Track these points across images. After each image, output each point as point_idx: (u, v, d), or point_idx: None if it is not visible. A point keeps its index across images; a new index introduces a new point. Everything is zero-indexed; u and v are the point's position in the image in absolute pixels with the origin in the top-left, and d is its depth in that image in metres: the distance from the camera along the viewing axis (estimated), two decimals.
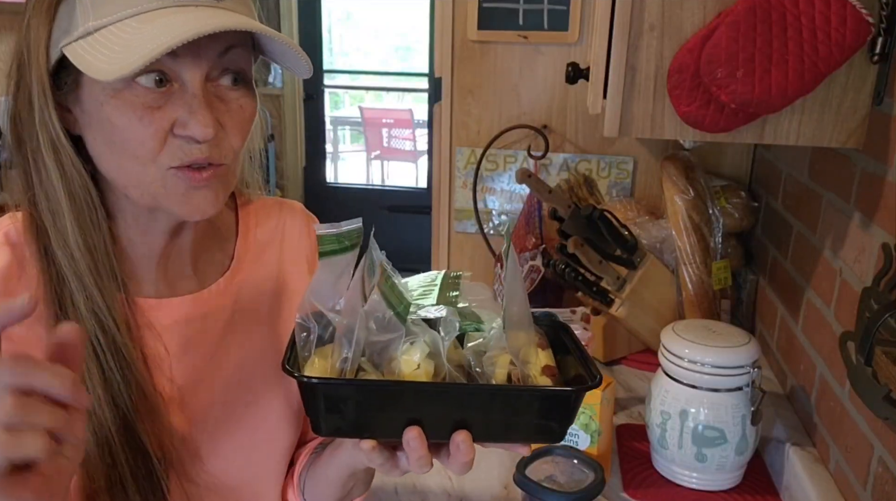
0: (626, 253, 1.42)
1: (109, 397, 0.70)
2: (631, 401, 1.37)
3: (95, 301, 0.71)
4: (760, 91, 0.87)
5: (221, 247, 0.86)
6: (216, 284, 0.83)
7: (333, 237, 0.66)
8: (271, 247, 0.89)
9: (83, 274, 0.70)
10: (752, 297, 1.59)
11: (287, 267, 0.90)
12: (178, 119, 0.66)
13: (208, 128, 0.66)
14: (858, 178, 1.02)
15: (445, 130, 1.80)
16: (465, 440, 0.65)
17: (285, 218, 0.92)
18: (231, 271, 0.84)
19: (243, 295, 0.85)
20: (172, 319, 0.79)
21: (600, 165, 1.76)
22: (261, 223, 0.89)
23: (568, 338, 0.75)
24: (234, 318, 0.84)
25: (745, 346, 1.06)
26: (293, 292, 0.89)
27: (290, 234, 0.91)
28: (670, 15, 0.93)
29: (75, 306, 0.70)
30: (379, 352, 0.67)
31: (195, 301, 0.81)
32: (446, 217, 1.87)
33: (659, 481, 1.13)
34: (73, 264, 0.70)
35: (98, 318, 0.71)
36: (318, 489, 0.87)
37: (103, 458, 0.70)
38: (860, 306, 0.87)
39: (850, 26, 0.85)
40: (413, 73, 6.25)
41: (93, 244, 0.71)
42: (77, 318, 0.70)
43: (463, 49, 1.74)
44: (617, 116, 0.97)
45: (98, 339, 0.70)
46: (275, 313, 0.88)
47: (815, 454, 1.10)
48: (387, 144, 6.21)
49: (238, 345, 0.83)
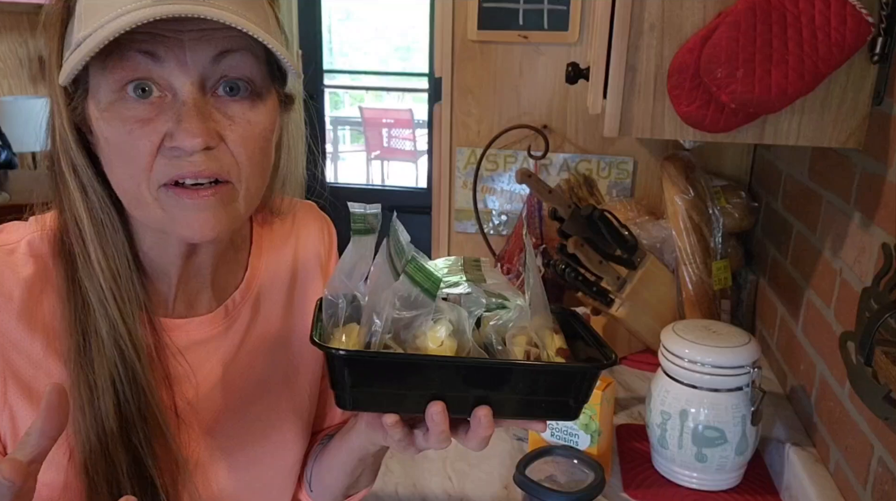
0: (626, 253, 1.42)
1: (125, 432, 0.68)
2: (631, 401, 1.37)
3: (118, 330, 0.68)
4: (760, 91, 0.87)
5: (236, 258, 0.83)
6: (231, 299, 0.81)
7: (362, 217, 0.67)
8: (285, 253, 0.87)
9: (108, 302, 0.68)
10: (752, 297, 1.59)
11: (300, 271, 0.88)
12: (167, 131, 0.62)
13: (196, 137, 0.61)
14: (858, 178, 1.02)
15: (445, 130, 1.80)
16: (487, 414, 0.65)
17: (298, 221, 0.90)
18: (246, 282, 0.82)
19: (259, 304, 0.83)
20: (191, 339, 0.77)
21: (600, 166, 1.76)
22: (274, 227, 0.87)
23: (579, 324, 0.77)
24: (251, 329, 0.82)
25: (745, 346, 1.06)
26: (307, 296, 0.88)
27: (304, 238, 0.89)
28: (670, 15, 0.93)
29: (98, 335, 0.68)
30: (404, 329, 0.67)
31: (214, 319, 0.79)
32: (446, 217, 1.87)
33: (659, 481, 1.13)
34: (99, 292, 0.68)
35: (119, 347, 0.68)
36: (326, 478, 0.86)
37: (111, 493, 0.68)
38: (860, 307, 0.86)
39: (850, 26, 0.85)
40: (413, 73, 6.26)
41: (116, 270, 0.69)
42: (99, 347, 0.68)
43: (463, 49, 1.74)
44: (617, 116, 0.97)
45: (118, 370, 0.68)
46: (288, 318, 0.86)
47: (815, 454, 1.10)
48: (387, 144, 6.21)
49: (254, 356, 0.82)
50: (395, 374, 0.66)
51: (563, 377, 0.69)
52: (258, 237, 0.85)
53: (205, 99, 0.63)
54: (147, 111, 0.62)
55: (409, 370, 0.66)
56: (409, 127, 6.10)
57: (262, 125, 0.67)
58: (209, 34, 0.62)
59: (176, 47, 0.61)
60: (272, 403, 0.84)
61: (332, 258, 0.92)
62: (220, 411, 0.79)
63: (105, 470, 0.68)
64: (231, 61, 0.64)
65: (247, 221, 0.85)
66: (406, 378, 0.66)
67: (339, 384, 0.66)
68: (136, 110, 0.62)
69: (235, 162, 0.65)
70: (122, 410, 0.69)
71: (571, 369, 0.69)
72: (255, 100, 0.67)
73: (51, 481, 0.69)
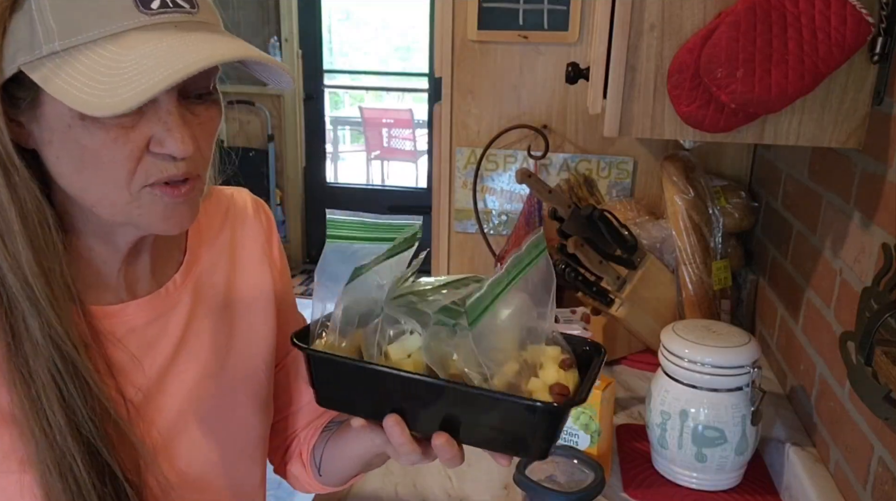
0: (626, 253, 1.42)
1: (73, 425, 0.68)
2: (631, 401, 1.37)
3: (52, 326, 0.67)
4: (760, 91, 0.87)
5: (175, 241, 0.84)
6: (172, 280, 0.81)
7: (356, 224, 0.69)
8: (223, 235, 0.89)
9: (38, 299, 0.67)
10: (752, 297, 1.59)
11: (240, 253, 0.89)
12: (154, 137, 0.64)
13: (188, 146, 0.64)
14: (858, 178, 1.02)
15: (445, 130, 1.80)
16: (443, 444, 0.66)
17: (234, 205, 0.91)
18: (186, 263, 0.83)
19: (201, 286, 0.84)
20: (133, 323, 0.77)
21: (600, 165, 1.76)
22: (209, 213, 0.88)
23: (596, 360, 0.71)
24: (195, 311, 0.83)
25: (745, 346, 1.06)
26: (248, 275, 0.89)
27: (241, 220, 0.91)
28: (670, 15, 0.93)
29: (29, 333, 0.67)
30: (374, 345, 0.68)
31: (153, 301, 0.79)
32: (446, 217, 1.87)
33: (659, 481, 1.13)
34: (27, 289, 0.67)
35: (55, 343, 0.67)
36: (339, 463, 0.89)
37: (67, 488, 0.67)
38: (860, 306, 0.86)
39: (850, 26, 0.85)
40: (413, 73, 6.26)
41: (48, 267, 0.67)
42: (32, 344, 0.67)
43: (463, 49, 1.74)
44: (617, 116, 0.97)
45: (56, 365, 0.67)
46: (233, 299, 0.87)
47: (815, 454, 1.10)
48: (387, 144, 6.22)
49: (201, 337, 0.83)
50: (350, 378, 0.69)
51: (517, 411, 0.63)
52: (195, 222, 0.84)
53: (183, 106, 0.66)
54: (130, 119, 0.63)
55: (368, 378, 0.68)
56: (409, 127, 6.10)
57: (218, 118, 0.71)
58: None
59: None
60: (226, 385, 0.85)
61: (274, 240, 0.94)
62: (173, 395, 0.80)
63: (59, 466, 0.67)
64: (207, 72, 0.65)
65: None
66: (367, 387, 0.69)
67: (312, 382, 0.71)
68: (120, 118, 0.62)
69: (203, 158, 0.70)
70: (68, 403, 0.68)
71: (523, 403, 0.62)
72: (215, 99, 0.71)
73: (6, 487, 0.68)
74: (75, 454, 0.68)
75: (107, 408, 0.70)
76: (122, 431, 0.72)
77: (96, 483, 0.68)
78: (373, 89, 6.86)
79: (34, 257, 0.67)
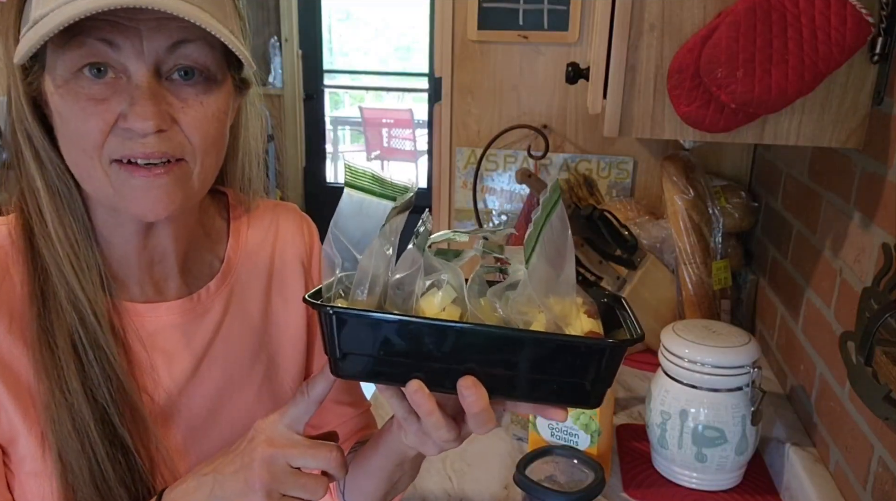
0: (626, 253, 1.42)
1: (88, 390, 0.70)
2: (631, 401, 1.37)
3: (76, 294, 0.70)
4: (760, 91, 0.87)
5: (212, 249, 0.85)
6: (206, 288, 0.82)
7: (371, 176, 0.66)
8: (263, 248, 0.88)
9: (63, 265, 0.70)
10: (752, 297, 1.59)
11: (279, 267, 0.89)
12: (121, 112, 0.64)
13: (148, 120, 0.63)
14: (858, 178, 1.02)
15: (445, 130, 1.80)
16: (470, 385, 0.59)
17: (279, 219, 0.91)
18: (222, 273, 0.84)
19: (234, 297, 0.84)
20: (161, 324, 0.78)
21: (600, 165, 1.76)
22: (253, 225, 0.88)
23: (620, 308, 0.69)
24: (225, 320, 0.83)
25: (745, 346, 1.06)
26: (286, 292, 0.89)
27: (284, 235, 0.90)
28: (670, 15, 0.93)
29: (56, 299, 0.70)
30: (404, 300, 0.64)
31: (184, 306, 0.80)
32: (446, 217, 1.87)
33: (659, 481, 1.13)
34: (55, 256, 0.70)
35: (78, 310, 0.70)
36: (364, 484, 0.84)
37: (84, 450, 0.69)
38: (860, 306, 0.86)
39: (850, 26, 0.85)
40: (413, 73, 6.26)
41: (73, 236, 0.71)
42: (57, 311, 0.69)
43: (463, 49, 1.74)
44: (617, 116, 0.97)
45: (78, 333, 0.70)
46: (266, 314, 0.87)
47: (815, 454, 1.10)
48: (387, 144, 6.21)
49: (227, 347, 0.83)
50: (387, 336, 0.61)
51: (575, 352, 0.60)
52: (236, 232, 0.87)
53: (159, 83, 0.65)
54: (102, 91, 0.64)
55: (401, 333, 0.61)
56: (409, 127, 6.10)
57: (216, 107, 0.69)
58: (165, 23, 0.63)
59: (132, 35, 0.63)
60: (251, 396, 0.85)
61: (315, 257, 0.93)
62: (195, 399, 0.80)
63: (77, 432, 0.69)
64: (186, 50, 0.66)
65: (219, 214, 0.87)
66: (398, 343, 0.61)
67: (331, 348, 0.62)
68: (90, 89, 0.64)
69: (188, 142, 0.68)
70: (86, 372, 0.70)
71: (584, 342, 0.60)
72: (210, 84, 0.68)
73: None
74: (90, 421, 0.69)
75: (127, 392, 0.72)
76: (141, 418, 0.73)
77: (109, 452, 0.70)
78: (373, 89, 6.86)
79: (60, 226, 0.70)
